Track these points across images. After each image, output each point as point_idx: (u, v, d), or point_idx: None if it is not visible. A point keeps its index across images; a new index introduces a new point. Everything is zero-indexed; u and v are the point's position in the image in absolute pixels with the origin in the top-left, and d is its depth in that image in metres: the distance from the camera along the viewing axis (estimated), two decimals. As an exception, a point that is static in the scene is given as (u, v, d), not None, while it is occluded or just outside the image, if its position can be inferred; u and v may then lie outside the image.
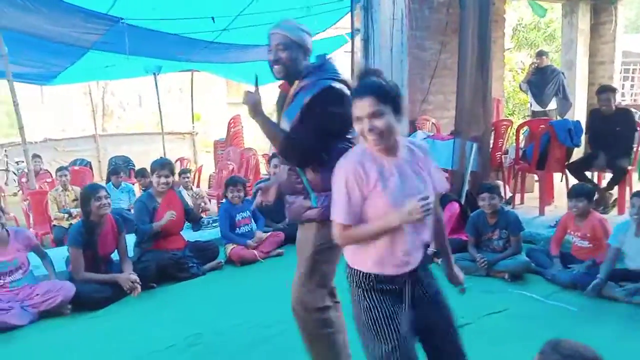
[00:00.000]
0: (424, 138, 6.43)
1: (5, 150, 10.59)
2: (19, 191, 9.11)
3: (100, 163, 12.36)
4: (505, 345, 3.25)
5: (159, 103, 11.04)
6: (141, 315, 3.99)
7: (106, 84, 16.53)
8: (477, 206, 4.75)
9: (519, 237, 4.56)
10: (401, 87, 6.63)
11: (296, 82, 2.57)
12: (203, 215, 6.50)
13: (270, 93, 2.99)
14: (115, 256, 4.57)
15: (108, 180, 7.82)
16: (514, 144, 7.11)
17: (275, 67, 2.57)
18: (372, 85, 1.98)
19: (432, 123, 7.36)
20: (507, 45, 10.87)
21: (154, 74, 10.50)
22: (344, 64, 8.69)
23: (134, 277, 4.26)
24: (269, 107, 3.00)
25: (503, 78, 9.19)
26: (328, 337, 2.60)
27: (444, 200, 5.09)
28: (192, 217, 5.19)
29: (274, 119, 2.65)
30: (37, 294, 3.97)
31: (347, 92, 2.44)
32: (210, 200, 8.08)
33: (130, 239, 4.76)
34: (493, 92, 6.36)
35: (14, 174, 9.95)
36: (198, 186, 8.50)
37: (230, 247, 5.23)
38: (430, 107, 7.42)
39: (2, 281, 3.97)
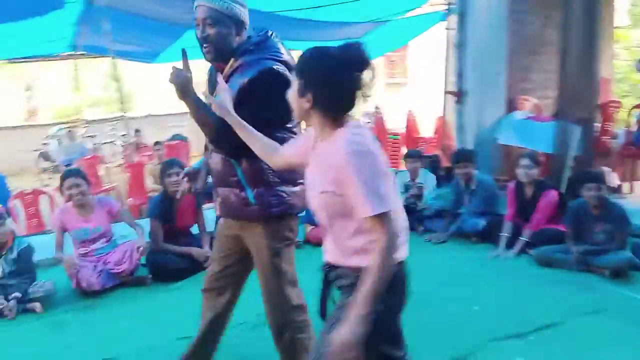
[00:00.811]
0: (523, 119, 6.03)
1: (113, 125, 11.31)
2: (122, 164, 9.67)
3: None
4: (600, 351, 2.94)
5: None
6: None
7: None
8: (579, 195, 4.35)
9: (624, 233, 4.12)
10: (499, 64, 6.34)
11: (231, 60, 2.25)
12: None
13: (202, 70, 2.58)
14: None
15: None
16: (625, 128, 6.50)
17: (205, 46, 2.23)
18: None
19: (534, 104, 6.87)
20: (622, 22, 9.89)
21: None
22: (440, 40, 8.42)
23: (208, 253, 4.33)
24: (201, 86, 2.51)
25: (613, 56, 8.36)
26: (303, 343, 2.37)
27: (541, 187, 4.73)
28: None
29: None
30: (111, 262, 4.14)
31: (289, 75, 2.11)
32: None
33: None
34: (601, 71, 5.80)
35: (121, 147, 10.57)
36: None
37: (309, 227, 5.20)
38: (531, 86, 6.91)
39: (86, 248, 4.18)
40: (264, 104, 2.14)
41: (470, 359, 2.93)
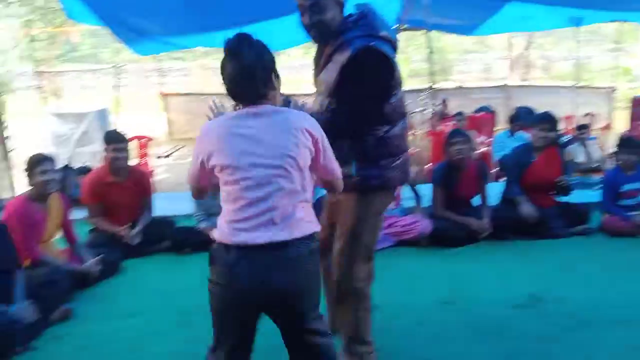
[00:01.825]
0: None
1: (423, 94, 12.05)
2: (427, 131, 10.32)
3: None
4: None
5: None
6: (492, 264, 4.16)
7: (530, 36, 16.47)
8: None
9: None
10: None
11: (329, 44, 2.27)
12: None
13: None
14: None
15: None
16: None
17: (312, 31, 2.29)
18: None
19: None
20: None
21: (576, 25, 9.95)
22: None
23: (486, 225, 4.52)
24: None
25: None
26: (359, 313, 2.48)
27: None
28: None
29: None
30: (399, 225, 4.58)
31: (388, 50, 2.21)
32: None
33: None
34: None
35: (429, 115, 11.27)
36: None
37: (605, 215, 4.87)
38: None
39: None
40: (366, 80, 2.22)
41: None
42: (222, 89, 1.92)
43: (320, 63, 2.36)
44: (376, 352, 2.61)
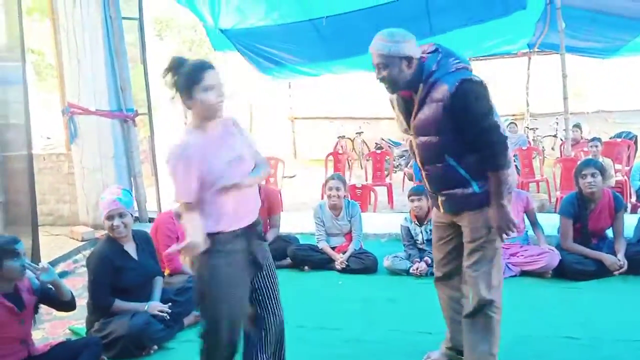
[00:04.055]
0: None
1: (557, 119, 11.43)
2: (558, 157, 9.79)
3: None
4: None
5: None
6: (623, 301, 3.89)
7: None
8: None
9: None
10: None
11: (420, 86, 2.50)
12: None
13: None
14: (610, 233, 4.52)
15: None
16: None
17: (384, 84, 2.55)
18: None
19: None
20: None
21: None
22: None
23: (621, 262, 4.22)
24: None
25: None
26: (492, 323, 2.66)
27: None
28: None
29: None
30: (522, 255, 4.42)
31: (476, 76, 2.47)
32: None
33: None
34: None
35: (561, 140, 10.66)
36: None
37: None
38: None
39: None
40: (471, 108, 2.43)
41: None
42: (348, 112, 2.12)
43: (413, 108, 2.58)
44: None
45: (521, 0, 7.44)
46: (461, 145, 2.50)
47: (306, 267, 4.86)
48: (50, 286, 3.03)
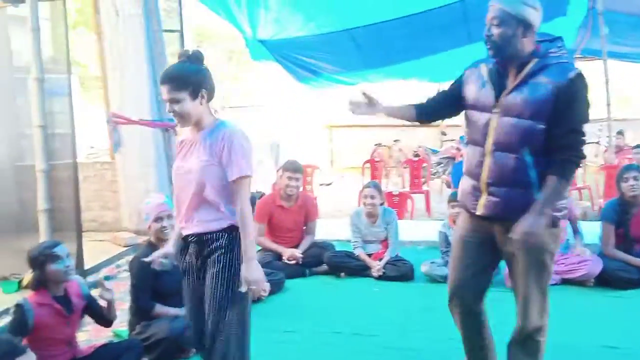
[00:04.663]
0: None
1: (600, 125, 11.16)
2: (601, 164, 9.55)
3: None
4: None
5: None
6: None
7: None
8: None
9: None
10: None
11: (532, 61, 2.28)
12: None
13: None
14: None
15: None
16: None
17: (487, 44, 2.32)
18: (170, 72, 2.26)
19: None
20: None
21: None
22: None
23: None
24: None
25: None
26: (542, 346, 2.51)
27: None
28: None
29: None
30: (563, 263, 4.34)
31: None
32: None
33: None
34: None
35: (604, 147, 10.40)
36: None
37: None
38: None
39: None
40: (581, 110, 2.27)
41: None
42: (385, 120, 2.14)
43: (507, 84, 2.35)
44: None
45: (562, 6, 7.33)
46: (544, 140, 2.26)
47: (342, 274, 4.89)
48: (99, 298, 3.14)
